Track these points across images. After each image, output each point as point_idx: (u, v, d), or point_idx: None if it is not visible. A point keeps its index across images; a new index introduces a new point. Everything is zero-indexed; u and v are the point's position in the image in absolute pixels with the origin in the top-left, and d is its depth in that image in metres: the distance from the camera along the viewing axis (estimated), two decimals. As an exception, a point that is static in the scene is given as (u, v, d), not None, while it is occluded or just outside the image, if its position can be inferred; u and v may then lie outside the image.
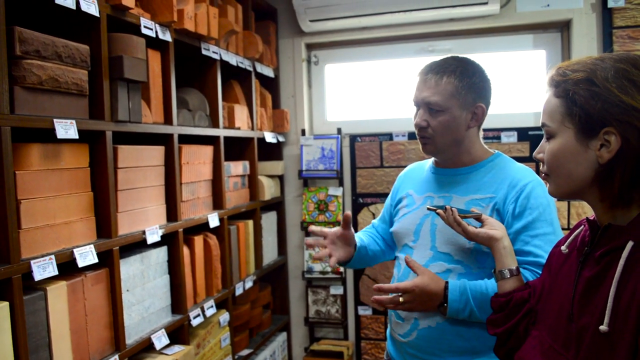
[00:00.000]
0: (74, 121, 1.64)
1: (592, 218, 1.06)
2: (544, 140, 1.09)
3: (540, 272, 1.43)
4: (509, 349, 1.26)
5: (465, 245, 1.58)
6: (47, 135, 1.61)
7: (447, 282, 1.52)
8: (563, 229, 2.87)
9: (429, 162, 1.83)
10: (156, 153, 2.11)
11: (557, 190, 1.07)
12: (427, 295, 1.51)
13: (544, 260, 1.44)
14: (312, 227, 1.83)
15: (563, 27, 3.00)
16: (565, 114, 1.02)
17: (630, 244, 0.93)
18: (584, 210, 2.90)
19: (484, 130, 2.97)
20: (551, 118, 1.05)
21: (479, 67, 1.67)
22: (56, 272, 1.56)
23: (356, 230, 3.24)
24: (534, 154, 1.12)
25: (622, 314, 0.90)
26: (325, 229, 1.81)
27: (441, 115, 1.60)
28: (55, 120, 1.58)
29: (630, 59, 0.97)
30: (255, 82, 3.01)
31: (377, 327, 3.30)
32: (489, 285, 1.50)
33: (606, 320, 0.91)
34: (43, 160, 1.59)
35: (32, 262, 1.50)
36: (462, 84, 1.60)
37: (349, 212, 1.77)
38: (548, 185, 1.09)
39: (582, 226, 1.12)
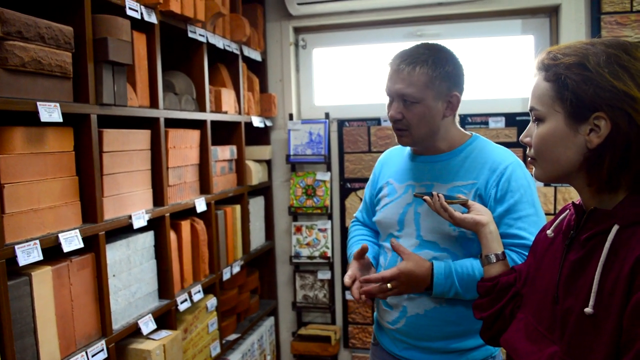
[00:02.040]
0: (57, 104, 1.61)
1: (578, 202, 1.06)
2: (531, 124, 1.09)
3: (527, 254, 1.44)
4: (495, 333, 1.27)
5: (451, 233, 1.59)
6: (31, 119, 1.58)
7: (432, 265, 1.54)
8: (549, 214, 2.89)
9: (407, 148, 1.81)
10: (142, 137, 2.09)
11: (544, 175, 1.07)
12: (413, 280, 1.53)
13: (528, 242, 1.46)
14: (346, 281, 1.62)
15: (551, 13, 3.00)
16: (555, 97, 1.01)
17: (615, 227, 0.94)
18: (570, 195, 2.92)
19: (472, 115, 3.01)
20: (540, 102, 1.05)
21: (451, 54, 1.63)
22: (41, 257, 1.55)
23: (343, 217, 3.28)
24: (520, 137, 1.12)
25: (607, 297, 0.91)
26: (351, 274, 1.64)
27: (416, 107, 1.58)
28: (38, 103, 1.55)
29: (620, 44, 0.98)
30: (242, 66, 2.98)
31: (364, 311, 3.32)
32: (476, 265, 1.51)
33: (591, 302, 0.92)
34: (26, 144, 1.56)
35: (16, 247, 1.48)
36: (436, 74, 1.56)
37: (366, 244, 1.68)
38: (534, 169, 1.10)
39: (568, 210, 1.12)
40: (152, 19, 2.10)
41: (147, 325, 2.04)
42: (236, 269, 2.85)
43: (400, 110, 1.61)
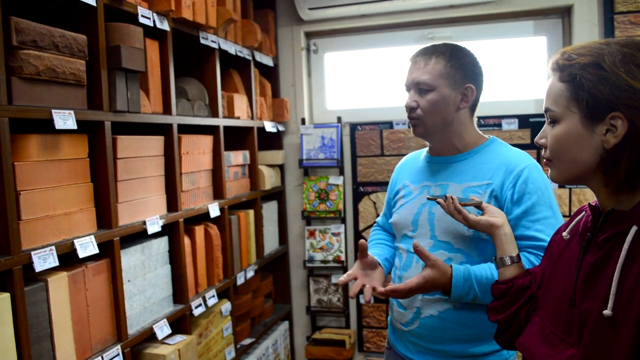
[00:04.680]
0: (72, 112, 1.63)
1: (594, 204, 1.05)
2: (546, 125, 1.08)
3: None
4: (510, 336, 1.26)
5: (465, 234, 1.58)
6: (46, 126, 1.60)
7: (451, 269, 1.50)
8: (565, 216, 2.87)
9: (424, 151, 1.81)
10: (156, 143, 2.10)
11: (560, 176, 1.07)
12: (434, 286, 1.51)
13: (546, 244, 1.44)
14: (340, 280, 1.65)
15: (564, 13, 2.97)
16: (571, 98, 1.01)
17: (634, 228, 0.92)
18: (586, 197, 2.89)
19: (485, 117, 3.00)
20: (556, 103, 1.04)
21: (469, 52, 1.68)
22: (57, 263, 1.56)
23: (357, 221, 3.28)
24: (535, 139, 1.11)
25: (626, 298, 0.90)
26: (350, 273, 1.66)
27: (430, 94, 1.61)
28: (53, 110, 1.57)
29: (636, 44, 0.97)
30: (254, 71, 3.00)
31: (378, 315, 3.31)
32: (494, 269, 1.49)
33: (610, 304, 0.91)
34: (42, 151, 1.58)
35: (32, 253, 1.49)
36: (451, 64, 1.61)
37: (363, 240, 1.65)
38: (550, 170, 1.09)
39: (584, 212, 1.11)
40: (165, 26, 2.12)
41: (162, 330, 2.04)
42: (250, 274, 2.86)
43: (416, 99, 1.64)
